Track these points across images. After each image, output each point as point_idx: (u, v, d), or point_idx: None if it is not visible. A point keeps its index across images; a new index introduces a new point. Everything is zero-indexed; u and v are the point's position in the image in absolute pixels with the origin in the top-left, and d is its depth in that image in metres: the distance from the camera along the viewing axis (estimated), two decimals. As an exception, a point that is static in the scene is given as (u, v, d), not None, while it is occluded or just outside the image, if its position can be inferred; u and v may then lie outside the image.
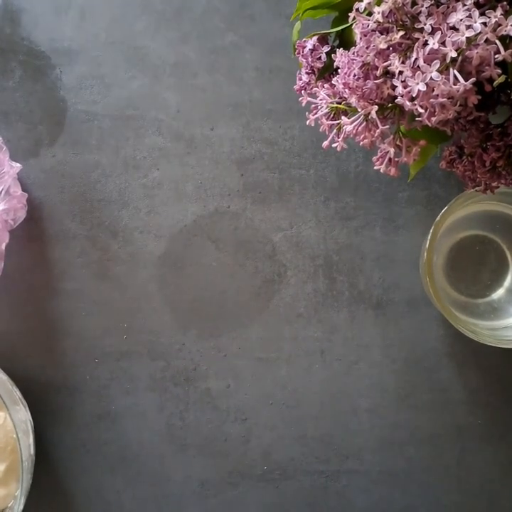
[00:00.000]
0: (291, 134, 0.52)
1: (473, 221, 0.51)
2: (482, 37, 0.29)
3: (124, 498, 0.53)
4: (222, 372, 0.53)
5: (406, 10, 0.31)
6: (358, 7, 0.33)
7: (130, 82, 0.53)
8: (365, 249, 0.52)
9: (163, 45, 0.53)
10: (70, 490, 0.53)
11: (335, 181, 0.52)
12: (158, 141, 0.53)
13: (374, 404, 0.52)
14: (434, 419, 0.52)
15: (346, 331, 0.52)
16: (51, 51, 0.53)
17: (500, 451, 0.52)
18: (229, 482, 0.53)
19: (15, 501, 0.48)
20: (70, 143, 0.53)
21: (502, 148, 0.36)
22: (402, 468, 0.52)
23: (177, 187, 0.53)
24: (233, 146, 0.53)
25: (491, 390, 0.51)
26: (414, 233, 0.52)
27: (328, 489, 0.52)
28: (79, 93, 0.53)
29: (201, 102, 0.53)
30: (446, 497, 0.52)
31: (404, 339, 0.52)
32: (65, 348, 0.53)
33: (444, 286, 0.51)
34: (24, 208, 0.51)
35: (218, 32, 0.53)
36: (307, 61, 0.40)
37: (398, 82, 0.32)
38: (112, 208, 0.53)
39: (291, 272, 0.52)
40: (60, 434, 0.53)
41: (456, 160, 0.39)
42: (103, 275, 0.53)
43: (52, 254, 0.53)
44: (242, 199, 0.53)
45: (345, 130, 0.36)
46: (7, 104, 0.53)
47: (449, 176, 0.51)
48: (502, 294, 0.51)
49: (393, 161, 0.36)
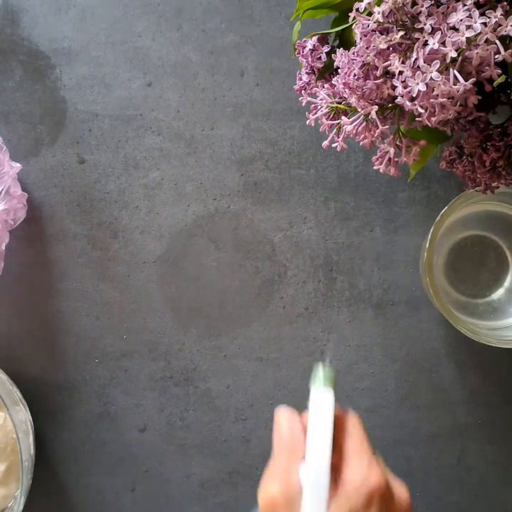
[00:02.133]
0: (291, 134, 0.52)
1: (473, 221, 0.51)
2: (482, 37, 0.29)
3: (124, 498, 0.53)
4: (222, 372, 0.53)
5: (406, 10, 0.31)
6: (358, 7, 0.33)
7: (130, 82, 0.53)
8: (365, 249, 0.52)
9: (163, 45, 0.53)
10: (70, 490, 0.53)
11: (335, 181, 0.52)
12: (158, 141, 0.53)
13: (374, 404, 0.52)
14: (434, 419, 0.52)
15: (346, 331, 0.52)
16: (51, 51, 0.53)
17: (500, 451, 0.52)
18: (229, 482, 0.53)
19: (15, 501, 0.48)
20: (70, 143, 0.53)
21: (502, 148, 0.36)
22: (402, 468, 0.52)
23: (177, 187, 0.53)
24: (233, 146, 0.53)
25: (491, 390, 0.52)
26: (414, 233, 0.52)
27: (328, 489, 0.52)
28: (79, 93, 0.53)
29: (201, 102, 0.53)
30: (446, 497, 0.52)
31: (404, 339, 0.52)
32: (65, 348, 0.53)
33: (444, 286, 0.51)
34: (24, 208, 0.51)
35: (218, 32, 0.53)
36: (307, 61, 0.40)
37: (398, 82, 0.32)
38: (112, 207, 0.53)
39: (291, 272, 0.52)
40: (60, 434, 0.53)
41: (456, 160, 0.39)
42: (103, 275, 0.53)
43: (52, 254, 0.53)
44: (242, 199, 0.53)
45: (345, 130, 0.36)
46: (7, 104, 0.53)
47: (449, 176, 0.51)
48: (502, 294, 0.51)
49: (393, 161, 0.36)
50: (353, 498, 0.31)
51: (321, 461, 0.32)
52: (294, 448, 0.33)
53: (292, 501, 0.31)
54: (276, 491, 0.32)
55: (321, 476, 0.32)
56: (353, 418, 0.35)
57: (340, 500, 0.31)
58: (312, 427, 0.33)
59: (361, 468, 0.33)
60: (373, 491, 0.32)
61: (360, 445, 0.34)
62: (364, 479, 0.32)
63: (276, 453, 0.34)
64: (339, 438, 0.34)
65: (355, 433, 0.34)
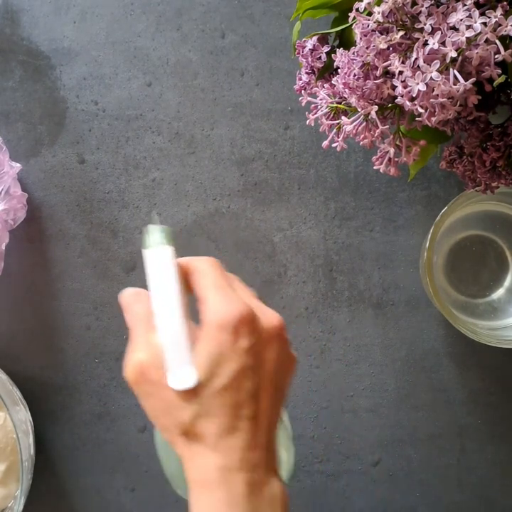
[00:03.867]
0: (291, 134, 0.52)
1: (473, 221, 0.51)
2: (482, 37, 0.30)
3: (124, 498, 0.53)
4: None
5: (406, 10, 0.31)
6: (358, 7, 0.33)
7: (130, 82, 0.53)
8: (365, 249, 0.52)
9: (163, 45, 0.53)
10: (70, 490, 0.53)
11: (335, 181, 0.52)
12: (158, 141, 0.53)
13: (374, 404, 0.52)
14: (434, 419, 0.52)
15: (346, 331, 0.52)
16: (51, 51, 0.53)
17: (500, 451, 0.52)
18: (229, 482, 0.53)
19: (15, 501, 0.48)
20: (70, 143, 0.53)
21: (502, 148, 0.36)
22: (402, 468, 0.52)
23: (177, 187, 0.53)
24: (233, 146, 0.53)
25: (491, 390, 0.51)
26: (414, 233, 0.52)
27: (328, 489, 0.52)
28: (79, 93, 0.53)
29: (201, 102, 0.53)
30: (446, 497, 0.52)
31: (404, 339, 0.52)
32: (65, 348, 0.53)
33: (444, 286, 0.51)
34: (24, 208, 0.51)
35: (218, 32, 0.53)
36: (307, 61, 0.40)
37: (398, 82, 0.32)
38: (112, 207, 0.53)
39: (291, 272, 0.52)
40: (60, 434, 0.53)
41: (456, 160, 0.39)
42: (103, 275, 0.53)
43: (52, 254, 0.53)
44: (242, 199, 0.53)
45: (345, 130, 0.36)
46: (7, 104, 0.53)
47: (449, 176, 0.51)
48: (502, 294, 0.51)
49: (393, 160, 0.36)
50: (218, 336, 0.29)
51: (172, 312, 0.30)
52: (148, 317, 0.31)
53: (157, 360, 0.29)
54: (140, 356, 0.30)
55: (177, 326, 0.30)
56: (200, 263, 0.33)
57: (204, 343, 0.29)
58: (155, 287, 0.31)
59: (218, 304, 0.30)
60: (237, 323, 0.29)
61: (212, 283, 0.31)
62: (224, 313, 0.30)
63: (132, 330, 0.32)
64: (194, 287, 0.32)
65: (205, 274, 0.32)
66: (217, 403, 0.29)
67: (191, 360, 0.29)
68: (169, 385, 0.29)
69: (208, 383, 0.29)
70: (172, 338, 0.30)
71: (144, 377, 0.30)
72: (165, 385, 0.29)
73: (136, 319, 0.32)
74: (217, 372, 0.29)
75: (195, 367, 0.29)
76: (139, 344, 0.31)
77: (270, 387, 0.31)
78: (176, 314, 0.30)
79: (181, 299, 0.31)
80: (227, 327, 0.29)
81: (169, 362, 0.29)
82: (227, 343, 0.29)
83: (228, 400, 0.29)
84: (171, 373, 0.29)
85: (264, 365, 0.31)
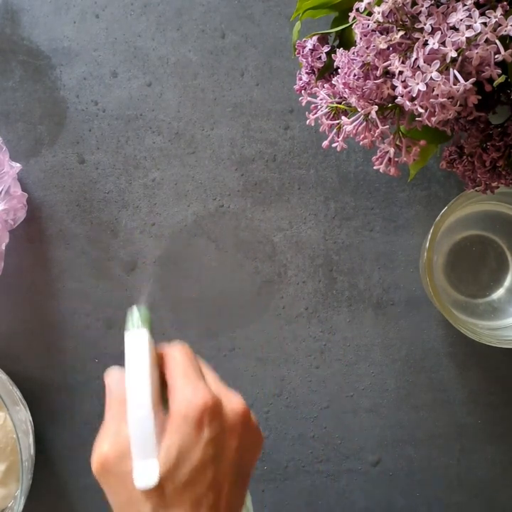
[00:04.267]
0: (291, 134, 0.52)
1: (473, 221, 0.51)
2: (482, 37, 0.30)
3: (124, 498, 0.53)
4: (221, 372, 0.53)
5: (406, 10, 0.31)
6: (358, 7, 0.33)
7: (130, 82, 0.53)
8: (365, 249, 0.52)
9: (163, 45, 0.53)
10: (70, 490, 0.53)
11: (335, 181, 0.52)
12: (158, 141, 0.53)
13: (374, 404, 0.52)
14: (434, 419, 0.52)
15: (346, 331, 0.52)
16: (51, 51, 0.53)
17: (500, 451, 0.52)
18: (229, 482, 0.53)
19: (15, 501, 0.48)
20: (70, 143, 0.53)
21: (502, 148, 0.36)
22: (402, 468, 0.52)
23: (177, 187, 0.53)
24: (233, 146, 0.53)
25: (491, 390, 0.52)
26: (414, 233, 0.52)
27: (328, 489, 0.52)
28: (79, 93, 0.53)
29: (201, 102, 0.53)
30: (446, 497, 0.52)
31: (404, 339, 0.52)
32: (65, 348, 0.53)
33: (444, 286, 0.51)
34: (24, 208, 0.51)
35: (218, 32, 0.53)
36: (307, 61, 0.40)
37: (398, 82, 0.32)
38: (112, 207, 0.53)
39: (291, 271, 0.52)
40: (60, 434, 0.53)
41: (456, 160, 0.39)
42: (103, 275, 0.53)
43: (52, 254, 0.53)
44: (242, 199, 0.53)
45: (345, 130, 0.36)
46: (7, 104, 0.53)
47: (449, 176, 0.51)
48: (502, 294, 0.51)
49: (393, 160, 0.36)
50: (181, 428, 0.29)
51: (143, 404, 0.30)
52: (121, 402, 0.31)
53: (123, 454, 0.29)
54: (106, 449, 0.30)
55: (145, 419, 0.30)
56: (172, 350, 0.33)
57: (170, 435, 0.30)
58: (129, 372, 0.31)
59: (184, 394, 0.30)
60: (201, 413, 0.30)
61: (180, 372, 0.32)
62: (188, 404, 0.30)
63: (106, 413, 0.32)
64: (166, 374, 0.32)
65: (176, 362, 0.32)
66: (178, 497, 0.29)
67: (156, 454, 0.29)
68: (133, 481, 0.29)
69: (170, 477, 0.29)
70: (139, 430, 0.30)
71: (107, 470, 0.30)
72: (128, 477, 0.29)
73: (113, 403, 0.32)
74: (180, 466, 0.29)
75: (159, 461, 0.29)
76: (108, 434, 0.31)
77: (231, 474, 0.31)
78: (146, 404, 0.30)
79: (153, 386, 0.31)
80: (191, 418, 0.30)
81: (134, 455, 0.30)
82: (190, 436, 0.30)
83: (188, 493, 0.29)
84: (135, 468, 0.29)
85: (227, 454, 0.31)
